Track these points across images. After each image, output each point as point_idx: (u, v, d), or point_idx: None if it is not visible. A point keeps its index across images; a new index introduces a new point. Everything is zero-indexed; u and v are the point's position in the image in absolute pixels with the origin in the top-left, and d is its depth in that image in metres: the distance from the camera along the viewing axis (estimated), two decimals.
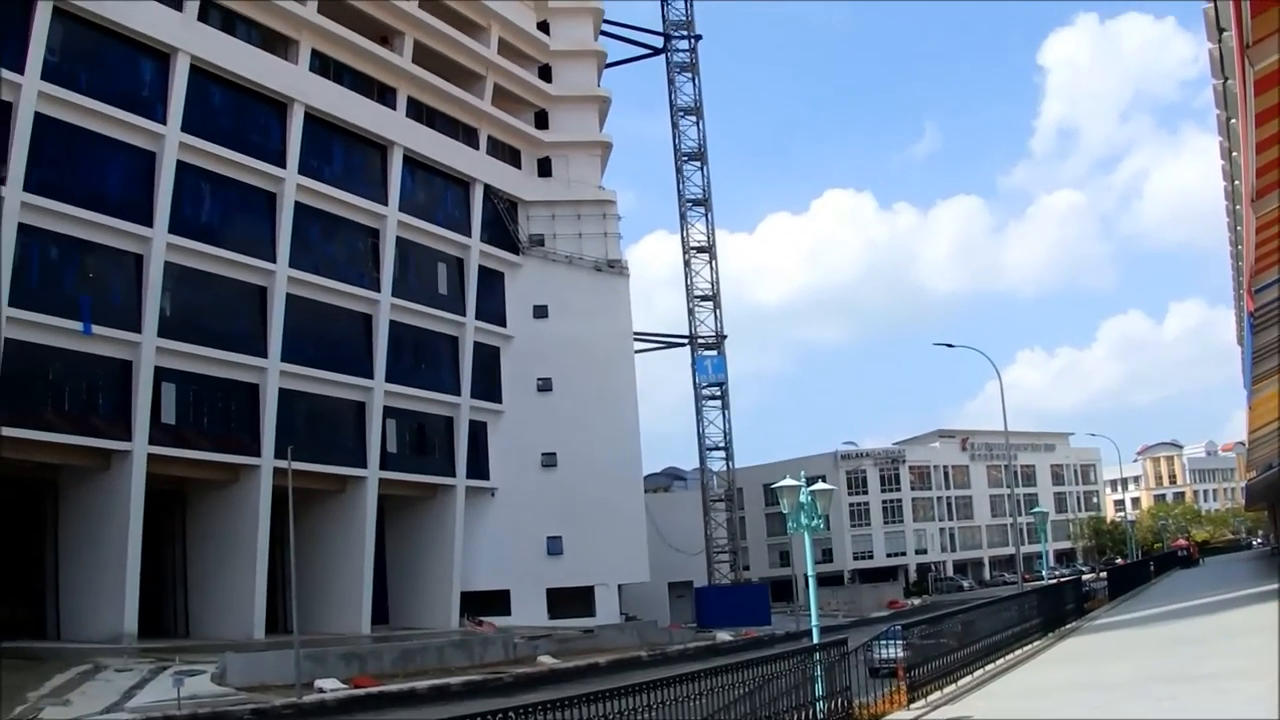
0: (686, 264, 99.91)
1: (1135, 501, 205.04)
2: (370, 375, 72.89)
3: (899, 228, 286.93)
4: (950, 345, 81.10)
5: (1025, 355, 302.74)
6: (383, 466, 73.12)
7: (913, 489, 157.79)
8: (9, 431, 51.62)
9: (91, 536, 58.59)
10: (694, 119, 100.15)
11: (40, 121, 54.30)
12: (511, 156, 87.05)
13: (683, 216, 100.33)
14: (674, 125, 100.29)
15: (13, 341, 51.76)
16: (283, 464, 57.64)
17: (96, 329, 56.79)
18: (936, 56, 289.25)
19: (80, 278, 58.20)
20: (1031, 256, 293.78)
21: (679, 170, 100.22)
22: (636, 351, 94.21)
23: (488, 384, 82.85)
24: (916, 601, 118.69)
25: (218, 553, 65.30)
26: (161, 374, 60.17)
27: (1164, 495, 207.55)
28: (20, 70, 53.34)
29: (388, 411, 74.15)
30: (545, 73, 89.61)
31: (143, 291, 59.44)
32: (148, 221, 59.60)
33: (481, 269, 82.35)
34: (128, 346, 58.69)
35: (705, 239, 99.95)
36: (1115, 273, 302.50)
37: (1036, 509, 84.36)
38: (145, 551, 58.73)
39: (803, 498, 34.16)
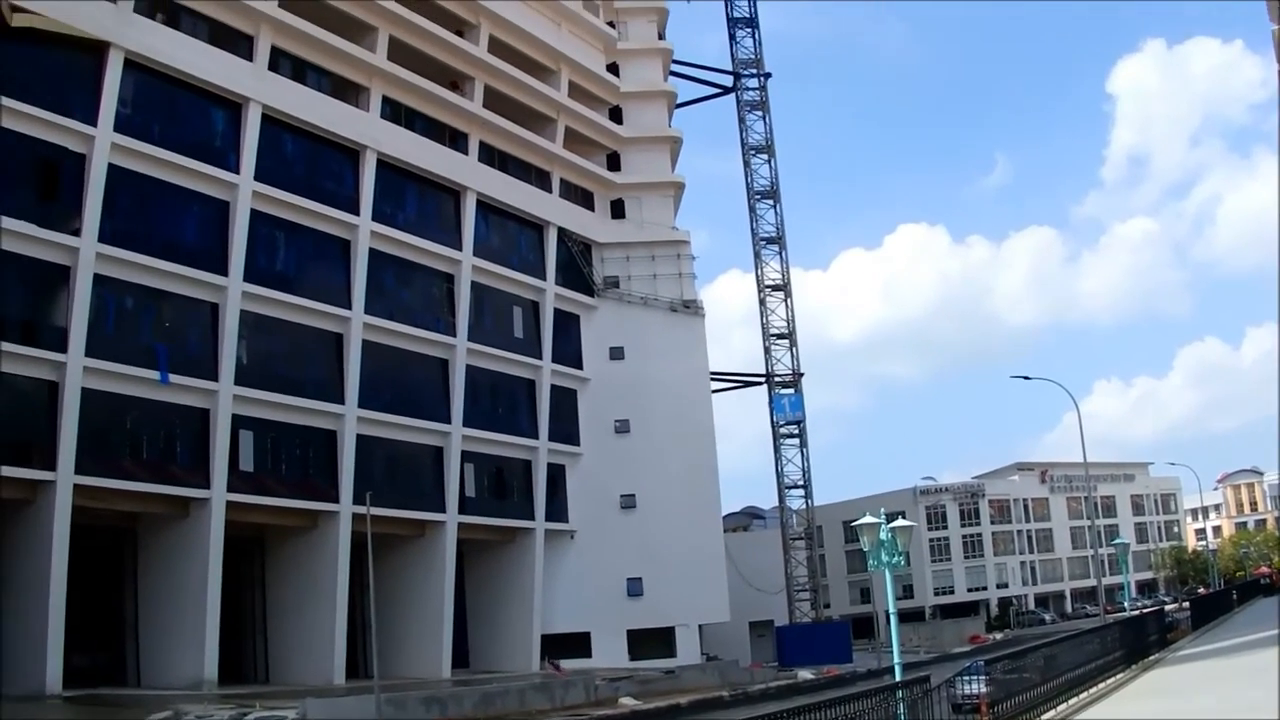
0: (762, 303, 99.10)
1: (1216, 530, 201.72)
2: (448, 420, 72.15)
3: (972, 260, 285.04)
4: (1027, 378, 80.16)
5: (1102, 385, 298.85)
6: (461, 511, 72.32)
7: (993, 523, 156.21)
8: (89, 480, 52.20)
9: (171, 583, 58.03)
10: (766, 157, 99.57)
11: (113, 173, 54.10)
12: (584, 199, 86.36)
13: (757, 255, 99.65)
14: (746, 164, 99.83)
15: (91, 391, 52.42)
16: (361, 509, 57.16)
17: (174, 378, 56.36)
18: (1005, 88, 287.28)
19: (156, 327, 57.77)
20: (1106, 286, 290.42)
21: (752, 209, 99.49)
22: (714, 391, 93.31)
23: (565, 426, 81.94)
24: (998, 636, 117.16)
25: (297, 598, 64.68)
26: (239, 421, 59.63)
27: (1245, 523, 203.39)
28: (93, 122, 53.35)
29: (466, 456, 73.35)
30: (616, 114, 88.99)
31: (219, 340, 58.98)
32: (222, 270, 59.24)
33: (557, 312, 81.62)
34: (205, 395, 58.19)
35: (780, 277, 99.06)
36: (1190, 299, 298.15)
37: (1117, 540, 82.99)
38: (225, 598, 58.12)
39: (883, 535, 34.55)
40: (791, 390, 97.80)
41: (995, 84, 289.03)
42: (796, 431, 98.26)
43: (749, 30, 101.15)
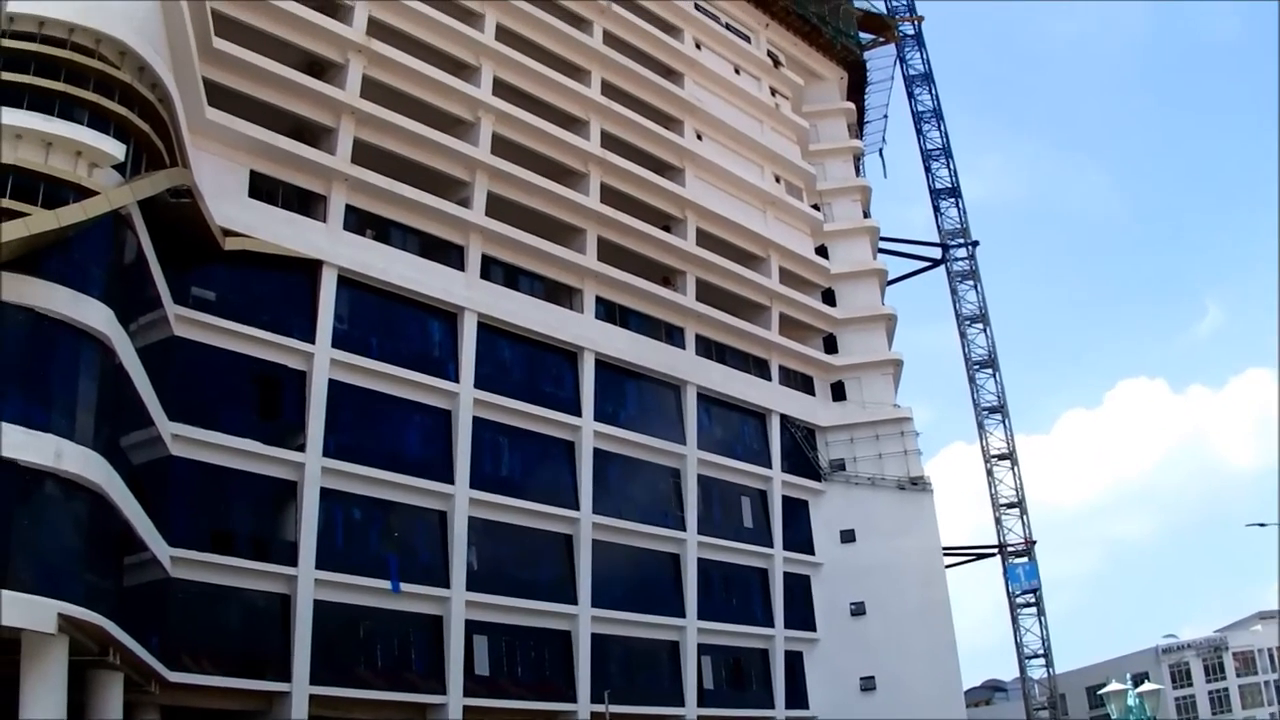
0: (989, 473, 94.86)
1: None
2: (682, 614, 68.66)
3: (1195, 409, 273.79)
4: (1263, 525, 74.26)
5: None
6: (700, 703, 68.21)
7: (1238, 676, 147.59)
8: (324, 690, 50.14)
9: None
10: (981, 326, 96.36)
11: (334, 387, 53.05)
12: (804, 383, 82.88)
13: (980, 426, 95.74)
14: (961, 335, 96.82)
15: (324, 603, 50.60)
16: (600, 708, 55.29)
17: (405, 586, 54.27)
18: (1203, 232, 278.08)
19: (385, 537, 55.81)
20: None
21: (971, 379, 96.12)
22: (947, 566, 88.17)
23: (800, 613, 77.56)
24: None
25: None
26: (472, 626, 57.14)
27: None
28: (310, 339, 52.47)
29: (702, 648, 69.52)
30: (829, 296, 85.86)
31: (448, 547, 56.91)
32: (448, 478, 57.42)
33: (785, 499, 77.84)
34: (437, 602, 55.91)
35: (1005, 446, 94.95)
36: None
37: None
38: None
39: (1130, 701, 33.29)
40: (1025, 559, 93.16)
41: (1194, 230, 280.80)
42: (1033, 600, 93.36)
43: (952, 200, 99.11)
